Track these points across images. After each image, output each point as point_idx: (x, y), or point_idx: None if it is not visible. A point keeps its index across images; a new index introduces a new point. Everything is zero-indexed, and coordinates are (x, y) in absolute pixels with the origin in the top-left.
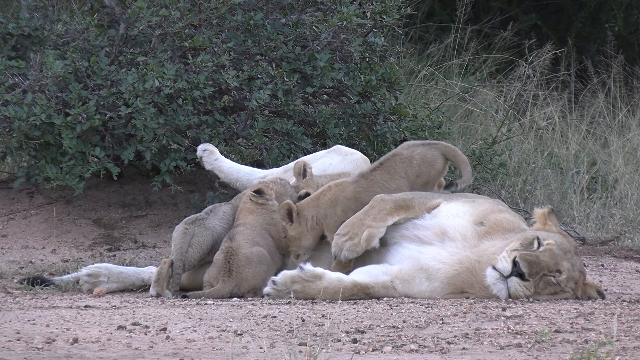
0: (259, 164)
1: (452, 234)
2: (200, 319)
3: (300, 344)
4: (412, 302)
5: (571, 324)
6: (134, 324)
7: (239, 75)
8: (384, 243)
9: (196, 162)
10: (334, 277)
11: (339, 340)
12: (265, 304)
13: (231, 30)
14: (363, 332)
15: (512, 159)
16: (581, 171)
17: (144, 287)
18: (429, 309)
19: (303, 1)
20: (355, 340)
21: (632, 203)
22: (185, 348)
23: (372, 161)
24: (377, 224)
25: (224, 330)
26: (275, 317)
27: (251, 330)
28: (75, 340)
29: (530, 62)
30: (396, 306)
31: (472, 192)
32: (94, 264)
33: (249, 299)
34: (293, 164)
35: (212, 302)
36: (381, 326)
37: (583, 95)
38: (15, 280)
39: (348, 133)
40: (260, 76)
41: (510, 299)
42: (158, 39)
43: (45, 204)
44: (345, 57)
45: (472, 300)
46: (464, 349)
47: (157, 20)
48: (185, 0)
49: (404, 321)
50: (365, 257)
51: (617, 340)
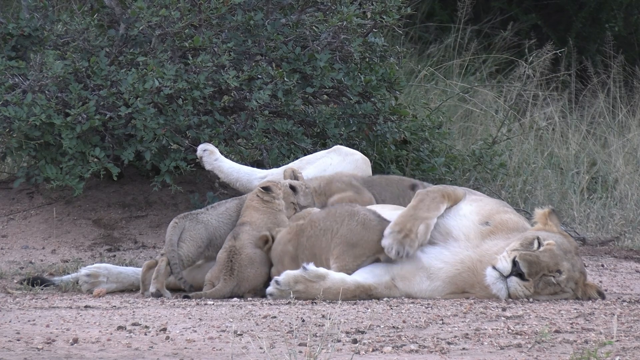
0: (259, 164)
1: (456, 234)
2: (200, 319)
3: (300, 344)
4: (412, 302)
5: (571, 324)
6: (133, 324)
7: (239, 75)
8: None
9: (196, 163)
10: (337, 278)
11: (339, 341)
12: (265, 304)
13: (231, 31)
14: (363, 333)
15: (512, 159)
16: (581, 171)
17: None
18: (429, 309)
19: (303, 1)
20: (355, 341)
21: (632, 203)
22: (185, 348)
23: (373, 162)
24: (432, 214)
25: (224, 331)
26: (275, 318)
27: (251, 330)
28: (75, 341)
29: (530, 62)
30: (396, 306)
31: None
32: (93, 264)
33: (249, 299)
34: (282, 169)
35: (212, 303)
36: (381, 326)
37: (583, 96)
38: (15, 281)
39: (348, 133)
40: (260, 76)
41: (510, 299)
42: (158, 39)
43: (45, 204)
44: (345, 57)
45: (472, 301)
46: (464, 349)
47: (157, 20)
48: (185, 1)
49: (404, 321)
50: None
51: (617, 341)
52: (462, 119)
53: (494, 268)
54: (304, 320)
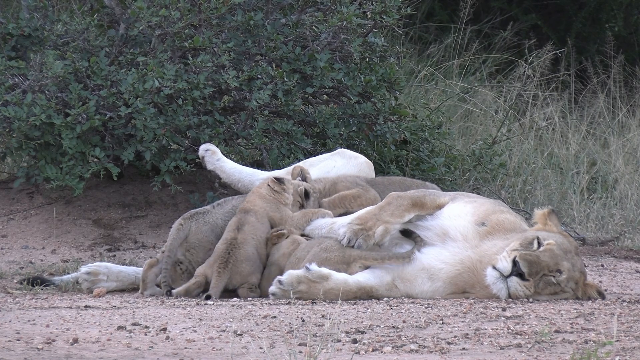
0: (259, 164)
1: (454, 234)
2: (200, 319)
3: (300, 344)
4: (412, 303)
5: (571, 324)
6: (133, 324)
7: (239, 75)
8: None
9: (196, 163)
10: (340, 279)
11: (339, 341)
12: (265, 304)
13: (231, 31)
14: (363, 333)
15: (512, 159)
16: (581, 171)
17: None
18: (429, 309)
19: (303, 1)
20: (355, 341)
21: (632, 203)
22: (185, 348)
23: (373, 162)
24: (394, 219)
25: (224, 331)
26: (275, 318)
27: (251, 330)
28: (75, 341)
29: (530, 63)
30: (396, 306)
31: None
32: (93, 263)
33: (248, 299)
34: (292, 167)
35: (212, 303)
36: (381, 326)
37: (583, 96)
38: (15, 281)
39: (348, 133)
40: (260, 76)
41: (511, 299)
42: (158, 39)
43: (45, 204)
44: (345, 58)
45: (472, 301)
46: (463, 349)
47: (157, 20)
48: (185, 1)
49: (403, 321)
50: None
51: (617, 341)
52: (462, 119)
53: (494, 268)
54: (304, 320)
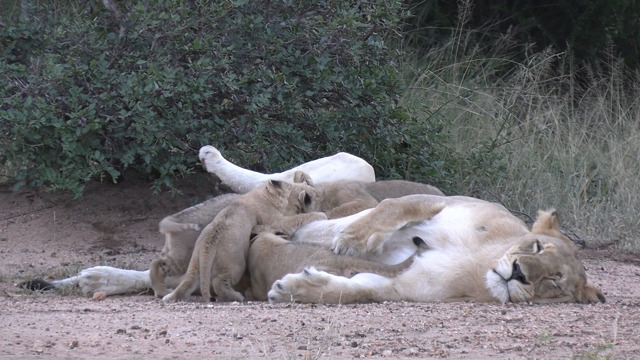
0: (259, 168)
1: (454, 238)
2: (200, 323)
3: (300, 348)
4: (412, 306)
5: (571, 327)
6: (133, 328)
7: (238, 78)
8: (384, 247)
9: (196, 166)
10: (339, 282)
11: (339, 344)
12: (265, 307)
13: (231, 34)
14: (363, 336)
15: (512, 162)
16: (581, 174)
17: (144, 290)
18: (429, 312)
19: (303, 4)
20: (355, 344)
21: (632, 206)
22: (185, 352)
23: (372, 165)
24: (386, 227)
25: (223, 334)
26: (275, 321)
27: (251, 333)
28: (75, 344)
29: (530, 66)
30: (396, 310)
31: (472, 196)
32: (94, 266)
33: (248, 302)
34: (294, 170)
35: (212, 306)
36: (381, 330)
37: (583, 99)
38: (15, 284)
39: (348, 136)
40: (260, 79)
41: (510, 303)
42: (158, 42)
43: (45, 207)
44: (345, 61)
45: (472, 304)
46: (463, 352)
47: (157, 23)
48: (185, 4)
49: (403, 325)
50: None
51: (617, 344)
52: (462, 122)
53: (495, 271)
54: (303, 324)
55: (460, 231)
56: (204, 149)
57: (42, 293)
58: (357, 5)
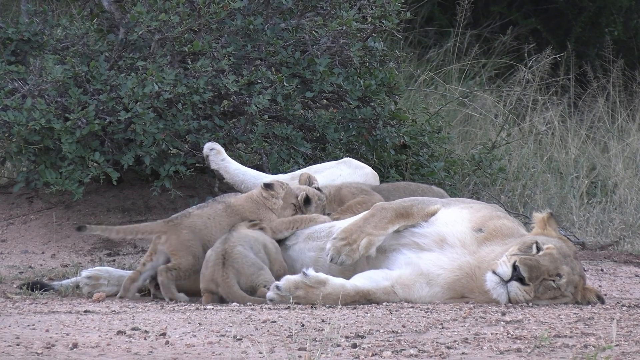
0: (259, 168)
1: (451, 240)
2: (199, 324)
3: (299, 349)
4: (412, 307)
5: (571, 328)
6: (133, 329)
7: (238, 80)
8: (382, 250)
9: (196, 167)
10: (337, 283)
11: (339, 345)
12: (265, 308)
13: (231, 35)
14: (363, 337)
15: (512, 163)
16: (581, 176)
17: (143, 292)
18: (429, 313)
19: (302, 6)
20: (354, 345)
21: (632, 208)
22: (185, 353)
23: (372, 166)
24: (378, 232)
25: (223, 335)
26: (274, 322)
27: (251, 335)
28: (75, 345)
29: (529, 67)
30: (395, 311)
31: (471, 197)
32: (94, 267)
33: (248, 304)
34: (299, 172)
35: (212, 307)
36: (381, 331)
37: (582, 100)
38: (14, 285)
39: (347, 138)
40: (259, 81)
41: (510, 304)
42: (157, 43)
43: (44, 208)
44: (344, 62)
45: (472, 305)
46: (463, 353)
47: (157, 25)
48: (185, 5)
49: (403, 326)
50: (363, 264)
51: (617, 345)
52: (462, 124)
53: (494, 273)
54: (303, 325)
55: (458, 233)
56: (208, 146)
57: (42, 294)
58: (357, 6)
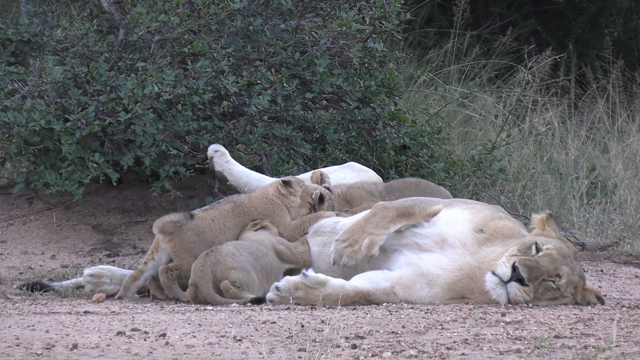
0: (258, 170)
1: (452, 241)
2: (199, 325)
3: (299, 350)
4: (412, 308)
5: (570, 329)
6: (133, 330)
7: (238, 80)
8: (383, 250)
9: (196, 168)
10: (337, 284)
11: (339, 346)
12: (265, 309)
13: (230, 36)
14: (362, 338)
15: (512, 164)
16: (581, 176)
17: (143, 293)
18: (428, 314)
19: (302, 7)
20: (354, 346)
21: (632, 208)
22: (185, 354)
23: (372, 167)
24: (379, 231)
25: (223, 336)
26: (274, 323)
27: (250, 335)
28: (75, 346)
29: (529, 68)
30: (395, 312)
31: (471, 198)
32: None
33: (247, 304)
34: (307, 174)
35: (212, 308)
36: (380, 332)
37: (582, 101)
38: (14, 286)
39: (347, 138)
40: (259, 82)
41: (510, 305)
42: (157, 44)
43: (44, 209)
44: (344, 63)
45: (472, 306)
46: (463, 354)
47: (157, 26)
48: (185, 6)
49: (403, 327)
50: (364, 264)
51: (617, 346)
52: (462, 124)
53: (494, 274)
54: (303, 326)
55: (459, 234)
56: (212, 147)
57: (42, 295)
58: (357, 7)
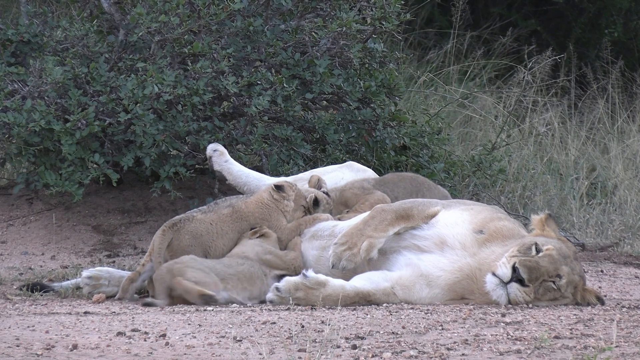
0: (259, 170)
1: (452, 242)
2: (199, 325)
3: (299, 350)
4: (412, 308)
5: (571, 329)
6: (133, 330)
7: (238, 81)
8: (383, 252)
9: (196, 169)
10: (337, 285)
11: (339, 347)
12: (265, 310)
13: (230, 36)
14: (362, 338)
15: (512, 164)
16: (581, 177)
17: (142, 294)
18: (429, 315)
19: (302, 7)
20: (354, 347)
21: (632, 209)
22: (185, 354)
23: (372, 167)
24: (378, 234)
25: (223, 337)
26: (274, 323)
27: (251, 336)
28: (75, 347)
29: (529, 68)
30: (395, 312)
31: (471, 198)
32: (94, 267)
33: (248, 304)
34: (304, 174)
35: (212, 309)
36: (380, 332)
37: (582, 101)
38: (14, 287)
39: (347, 139)
40: (259, 82)
41: (510, 305)
42: (157, 45)
43: (44, 210)
44: (344, 63)
45: (472, 307)
46: (463, 354)
47: (157, 26)
48: (185, 7)
49: (403, 327)
50: (363, 267)
51: (617, 346)
52: (462, 125)
53: (494, 275)
54: (303, 326)
55: (459, 235)
56: (211, 147)
57: (42, 295)
58: (357, 8)
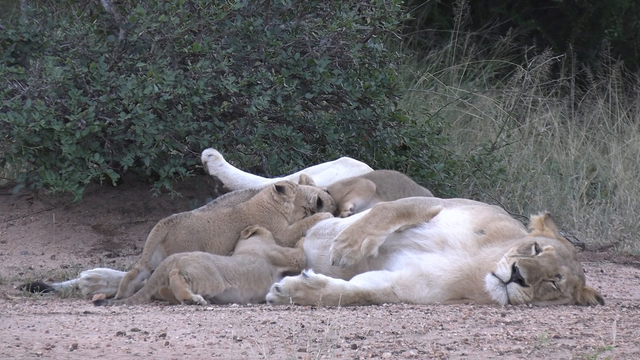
0: (259, 170)
1: (452, 242)
2: (199, 325)
3: (299, 350)
4: (412, 308)
5: (570, 329)
6: (133, 330)
7: (238, 81)
8: (383, 250)
9: (196, 168)
10: (337, 285)
11: (339, 346)
12: (265, 309)
13: (230, 36)
14: (362, 338)
15: (512, 164)
16: (580, 177)
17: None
18: (429, 314)
19: (302, 7)
20: (354, 346)
21: (632, 209)
22: (185, 354)
23: (372, 167)
24: (379, 231)
25: (223, 336)
26: (274, 323)
27: (251, 336)
28: (75, 346)
29: (529, 68)
30: (395, 312)
31: (471, 198)
32: (93, 268)
33: (248, 304)
34: (298, 174)
35: (212, 308)
36: (380, 332)
37: (582, 101)
38: (14, 287)
39: (347, 139)
40: (259, 82)
41: (510, 305)
42: (157, 44)
43: (44, 210)
44: (344, 63)
45: (472, 306)
46: (463, 354)
47: (157, 26)
48: (185, 7)
49: (403, 327)
50: (364, 264)
51: (617, 346)
52: (462, 125)
53: (494, 275)
54: (303, 326)
55: (459, 235)
56: (206, 152)
57: (42, 295)
58: (357, 7)
